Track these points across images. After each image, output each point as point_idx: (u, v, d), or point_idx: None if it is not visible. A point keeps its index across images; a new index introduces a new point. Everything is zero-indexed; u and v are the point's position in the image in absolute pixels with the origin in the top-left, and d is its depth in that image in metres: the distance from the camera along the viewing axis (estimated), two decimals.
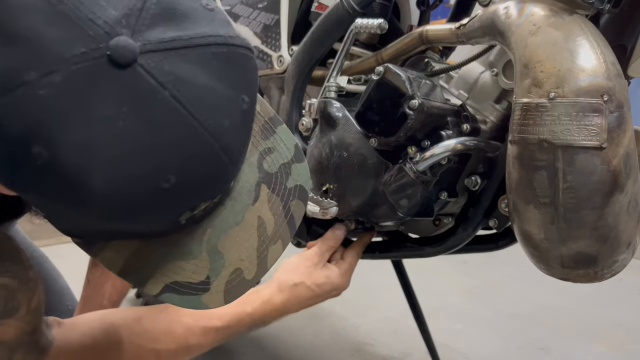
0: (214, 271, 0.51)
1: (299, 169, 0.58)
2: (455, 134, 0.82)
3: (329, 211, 0.87)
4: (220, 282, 0.51)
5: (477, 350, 1.70)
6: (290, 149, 0.58)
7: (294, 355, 1.67)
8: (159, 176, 0.41)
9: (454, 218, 0.91)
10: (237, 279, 0.52)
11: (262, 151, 0.55)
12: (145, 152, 0.40)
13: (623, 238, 0.67)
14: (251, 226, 0.53)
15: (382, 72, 0.80)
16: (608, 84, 0.63)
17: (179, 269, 0.50)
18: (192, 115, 0.41)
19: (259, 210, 0.54)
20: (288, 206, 0.56)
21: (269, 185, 0.55)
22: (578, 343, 1.77)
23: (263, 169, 0.55)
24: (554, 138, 0.64)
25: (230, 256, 0.52)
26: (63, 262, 1.50)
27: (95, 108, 0.38)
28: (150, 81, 0.39)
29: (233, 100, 0.44)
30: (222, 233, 0.51)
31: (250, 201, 0.53)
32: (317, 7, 1.06)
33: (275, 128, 0.57)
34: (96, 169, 0.39)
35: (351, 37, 0.90)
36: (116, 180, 0.40)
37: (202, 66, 0.42)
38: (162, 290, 0.49)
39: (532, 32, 0.68)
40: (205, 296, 0.51)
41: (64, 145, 0.38)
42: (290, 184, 0.57)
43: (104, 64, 0.38)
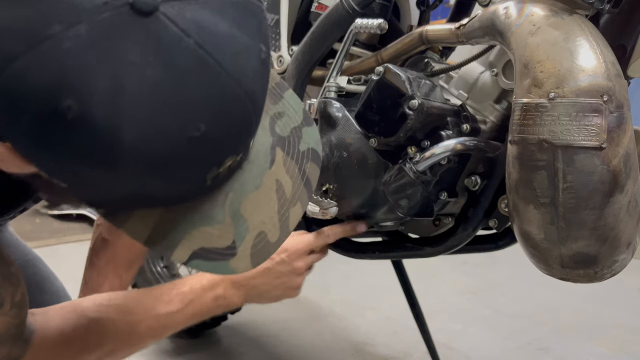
0: (238, 235, 0.51)
1: (309, 132, 0.59)
2: (455, 134, 0.82)
3: (329, 211, 0.87)
4: (246, 247, 0.52)
5: (477, 350, 1.70)
6: (299, 113, 0.58)
7: (294, 355, 1.67)
8: (188, 124, 0.41)
9: (454, 218, 0.91)
10: (262, 242, 0.53)
11: (273, 115, 0.56)
12: (174, 100, 0.40)
13: (623, 238, 0.67)
14: (270, 189, 0.54)
15: (382, 72, 0.80)
16: (608, 84, 0.63)
17: (205, 234, 0.50)
18: (217, 62, 0.41)
19: (276, 173, 0.54)
20: (303, 169, 0.57)
21: (283, 148, 0.55)
22: (578, 343, 1.77)
23: (275, 132, 0.55)
24: (554, 138, 0.64)
25: (253, 220, 0.52)
26: (62, 262, 1.50)
27: (122, 57, 0.38)
28: (174, 29, 0.39)
29: (253, 48, 0.44)
30: (243, 197, 0.51)
31: (267, 165, 0.53)
32: (317, 7, 1.06)
33: (282, 93, 0.58)
34: (126, 119, 0.39)
35: (351, 37, 0.90)
36: (146, 130, 0.39)
37: (222, 15, 0.42)
38: (190, 257, 0.50)
39: (532, 32, 0.68)
40: (233, 261, 0.51)
41: (93, 97, 0.38)
42: (303, 147, 0.57)
43: (127, 12, 0.38)
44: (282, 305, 1.80)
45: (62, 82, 0.38)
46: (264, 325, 1.79)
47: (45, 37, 0.37)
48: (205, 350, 1.64)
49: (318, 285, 2.09)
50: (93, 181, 0.43)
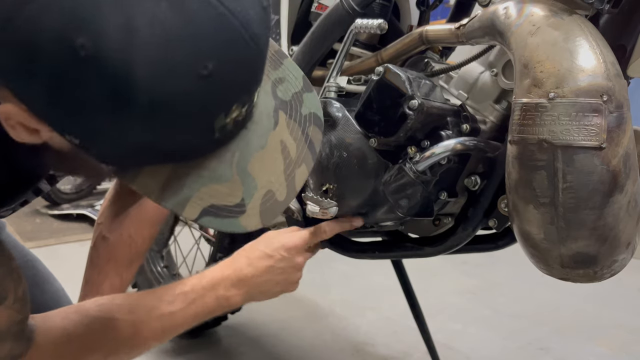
0: (247, 193, 0.52)
1: (310, 97, 0.59)
2: (455, 134, 0.82)
3: (329, 211, 0.87)
4: (255, 204, 0.53)
5: (477, 350, 1.70)
6: (299, 79, 0.59)
7: (294, 355, 1.67)
8: (197, 62, 0.42)
9: (453, 218, 0.91)
10: (270, 200, 0.54)
11: (274, 80, 0.56)
12: (183, 38, 0.41)
13: (622, 238, 0.67)
14: (275, 150, 0.55)
15: (382, 72, 0.80)
16: (607, 84, 0.63)
17: (214, 191, 0.51)
18: (222, 4, 0.43)
19: (281, 134, 0.55)
20: (306, 132, 0.58)
21: (285, 111, 0.56)
22: (578, 343, 1.77)
23: (278, 96, 0.56)
24: (554, 138, 0.64)
25: (261, 178, 0.53)
26: (62, 262, 1.50)
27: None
28: None
29: None
30: (249, 156, 0.52)
31: (271, 126, 0.54)
32: (317, 8, 1.06)
33: (282, 60, 0.58)
34: (138, 56, 0.40)
35: (351, 38, 0.90)
36: (157, 67, 0.41)
37: None
38: (200, 214, 0.50)
39: (532, 33, 0.68)
40: (243, 218, 0.52)
41: (106, 35, 0.39)
42: (305, 111, 0.58)
43: None
44: (282, 305, 1.81)
45: (75, 22, 0.39)
46: (264, 325, 1.79)
47: None
48: (205, 350, 1.64)
49: (318, 285, 2.09)
50: (105, 131, 0.44)
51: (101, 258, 0.92)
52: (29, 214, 2.98)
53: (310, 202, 0.89)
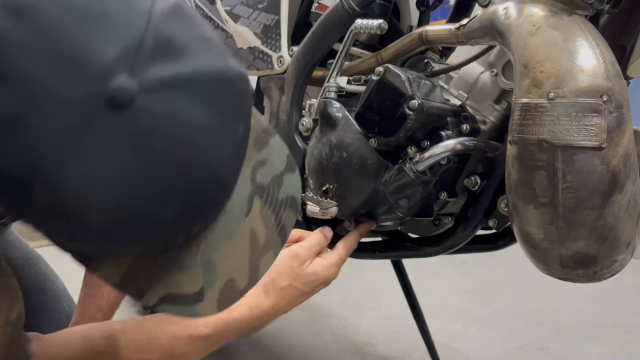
0: (207, 282, 0.52)
1: (291, 179, 0.59)
2: (455, 134, 0.82)
3: (328, 211, 0.87)
4: (214, 292, 0.52)
5: (477, 350, 1.70)
6: (283, 160, 0.58)
7: (294, 355, 1.67)
8: (156, 209, 0.42)
9: (453, 218, 0.92)
10: (230, 289, 0.53)
11: (255, 164, 0.56)
12: (142, 187, 0.41)
13: (622, 238, 0.67)
14: (244, 238, 0.54)
15: (382, 72, 0.80)
16: (607, 84, 0.63)
17: (175, 281, 0.51)
18: (189, 151, 0.42)
19: (252, 222, 0.55)
20: (280, 217, 0.57)
21: (261, 196, 0.56)
22: (578, 343, 1.77)
23: (256, 181, 0.55)
24: (554, 138, 0.64)
25: (224, 268, 0.53)
26: (61, 263, 1.50)
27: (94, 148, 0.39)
28: (148, 120, 0.40)
29: (228, 132, 0.45)
30: (216, 246, 0.52)
31: (242, 215, 0.54)
32: (317, 8, 1.06)
33: (268, 140, 0.57)
34: (95, 204, 0.40)
35: (351, 38, 0.90)
36: (115, 215, 0.41)
37: (199, 101, 0.42)
38: (158, 302, 0.50)
39: (532, 33, 0.68)
40: (200, 305, 0.52)
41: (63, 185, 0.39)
42: (282, 195, 0.57)
43: (103, 106, 0.38)
44: None
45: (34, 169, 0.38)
46: None
47: (20, 124, 0.37)
48: None
49: None
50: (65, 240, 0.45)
51: None
52: None
53: (310, 202, 0.89)
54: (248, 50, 1.12)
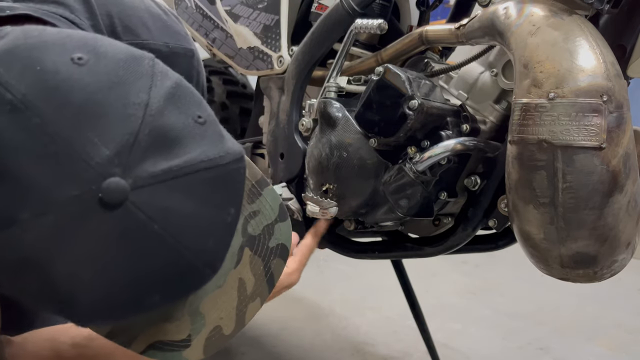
0: (195, 330, 0.53)
1: (282, 227, 0.59)
2: (455, 134, 0.82)
3: (328, 211, 0.87)
4: (201, 339, 0.54)
5: (477, 350, 1.70)
6: (275, 209, 0.59)
7: (294, 355, 1.67)
8: (144, 297, 0.43)
9: (453, 218, 0.91)
10: (216, 335, 0.55)
11: (247, 215, 0.57)
12: (131, 280, 0.42)
13: (622, 238, 0.67)
14: (232, 288, 0.55)
15: (382, 72, 0.80)
16: (607, 84, 0.63)
17: (163, 330, 0.52)
18: (179, 243, 0.42)
19: (240, 272, 0.56)
20: (269, 265, 0.58)
21: (251, 247, 0.57)
22: (578, 343, 1.77)
23: (247, 232, 0.56)
24: (554, 138, 0.64)
25: (210, 316, 0.54)
26: None
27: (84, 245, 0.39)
28: (140, 216, 0.40)
29: (218, 219, 0.46)
30: (204, 296, 0.53)
31: (232, 265, 0.55)
32: (317, 8, 1.06)
33: (261, 190, 0.58)
34: (82, 294, 0.41)
35: (351, 38, 0.90)
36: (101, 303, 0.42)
37: (191, 194, 0.43)
38: (146, 349, 0.52)
39: (532, 33, 0.68)
40: (186, 351, 0.53)
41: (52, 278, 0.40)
42: (272, 244, 0.58)
43: (95, 206, 0.39)
44: (282, 305, 1.81)
45: (24, 264, 0.40)
46: (264, 325, 1.80)
47: (13, 221, 0.38)
48: None
49: (318, 285, 2.09)
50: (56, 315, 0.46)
51: None
52: None
53: (310, 202, 0.89)
54: (248, 50, 1.12)
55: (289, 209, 0.98)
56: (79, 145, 0.38)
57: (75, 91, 0.39)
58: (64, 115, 0.39)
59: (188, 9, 1.22)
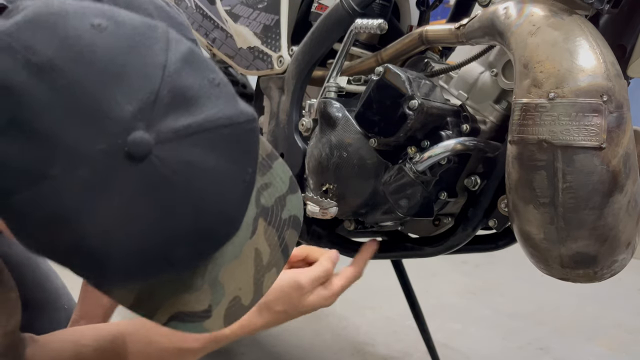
0: (215, 300, 0.55)
1: (293, 200, 0.61)
2: (455, 134, 0.82)
3: (328, 211, 0.87)
4: (221, 309, 0.55)
5: (476, 350, 1.70)
6: (285, 182, 0.61)
7: (294, 355, 1.67)
8: (170, 250, 0.45)
9: (453, 218, 0.91)
10: (235, 305, 0.56)
11: (260, 187, 0.59)
12: (158, 232, 0.44)
13: (622, 238, 0.67)
14: (248, 258, 0.57)
15: (382, 72, 0.80)
16: (607, 84, 0.63)
17: (184, 300, 0.53)
18: (201, 197, 0.44)
19: (256, 242, 0.58)
20: (283, 236, 0.60)
21: (265, 218, 0.59)
22: (578, 343, 1.77)
23: (260, 203, 0.58)
24: (554, 138, 0.64)
25: (229, 286, 0.56)
26: None
27: (113, 198, 0.41)
28: (164, 170, 0.42)
29: (238, 176, 0.48)
30: (222, 266, 0.55)
31: (248, 236, 0.57)
32: (317, 8, 1.06)
33: (272, 163, 0.61)
34: (114, 250, 0.43)
35: (351, 38, 0.90)
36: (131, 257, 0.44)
37: (211, 149, 0.45)
38: (168, 320, 0.53)
39: (532, 33, 0.68)
40: (207, 322, 0.55)
41: (84, 233, 0.41)
42: (285, 215, 0.60)
43: (122, 158, 0.41)
44: None
45: (57, 219, 0.41)
46: None
47: (45, 177, 0.40)
48: None
49: None
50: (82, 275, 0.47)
51: None
52: None
53: (310, 202, 0.89)
54: (248, 50, 1.12)
55: None
56: (104, 103, 0.41)
57: (98, 54, 0.41)
58: (89, 77, 0.41)
59: (188, 8, 1.23)
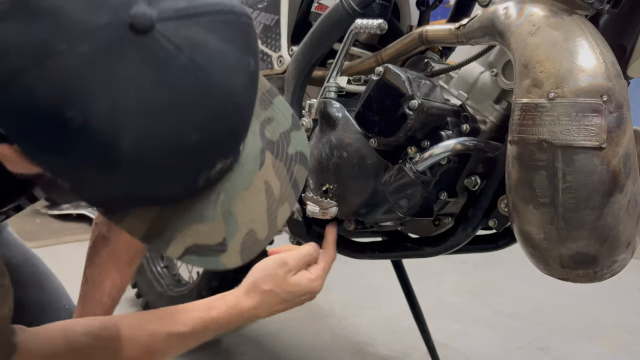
0: (229, 233, 0.54)
1: (297, 136, 0.61)
2: (455, 134, 0.82)
3: (328, 211, 0.87)
4: (236, 243, 0.55)
5: (476, 350, 1.70)
6: (288, 118, 0.61)
7: (294, 355, 1.67)
8: (181, 133, 0.44)
9: (453, 218, 0.91)
10: (251, 240, 0.56)
11: (263, 121, 0.58)
12: (167, 110, 0.43)
13: (622, 238, 0.67)
14: (259, 190, 0.57)
15: (382, 72, 0.80)
16: (607, 84, 0.63)
17: (197, 232, 0.53)
18: (207, 76, 0.44)
19: (265, 175, 0.57)
20: (291, 171, 0.60)
21: (272, 151, 0.58)
22: (578, 343, 1.77)
23: (265, 137, 0.58)
24: (554, 138, 0.64)
25: (243, 218, 0.55)
26: (62, 262, 1.50)
27: (121, 73, 0.41)
28: (168, 45, 0.42)
29: (242, 62, 0.47)
30: (233, 197, 0.54)
31: (256, 167, 0.56)
32: (317, 8, 1.06)
33: (272, 99, 0.60)
34: (124, 129, 0.42)
35: (351, 38, 0.90)
36: (142, 139, 0.43)
37: (214, 31, 0.45)
38: (183, 253, 0.52)
39: (532, 33, 0.68)
40: (223, 256, 0.54)
41: (94, 109, 0.41)
42: (291, 151, 0.60)
43: (127, 31, 0.41)
44: None
45: (66, 97, 0.41)
46: (264, 325, 1.79)
47: (52, 54, 0.40)
48: (205, 351, 1.64)
49: None
50: (93, 183, 0.46)
51: (102, 256, 0.92)
52: (29, 214, 2.98)
53: (310, 202, 0.89)
54: None
55: None
56: None
57: None
58: None
59: None
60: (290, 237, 1.06)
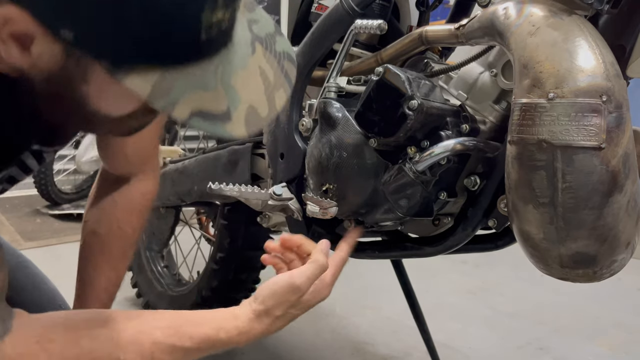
0: (232, 103, 0.56)
1: (281, 41, 0.63)
2: (455, 134, 0.82)
3: (328, 211, 0.87)
4: (240, 114, 0.56)
5: (476, 350, 1.70)
6: (271, 23, 0.63)
7: (294, 355, 1.67)
8: None
9: (453, 218, 0.92)
10: (253, 114, 0.57)
11: (249, 20, 0.60)
12: None
13: (622, 238, 0.67)
14: (254, 73, 0.58)
15: (382, 72, 0.80)
16: (607, 85, 0.63)
17: (201, 97, 0.54)
18: None
19: (258, 60, 0.59)
20: (282, 64, 0.61)
21: (261, 43, 0.60)
22: (578, 343, 1.77)
23: (254, 32, 0.60)
24: (553, 138, 0.64)
25: (243, 93, 0.57)
26: (62, 262, 1.50)
27: None
28: None
29: None
30: (232, 71, 0.56)
31: (249, 51, 0.58)
32: (317, 8, 1.06)
33: (254, 7, 0.63)
34: None
35: (351, 38, 0.91)
36: None
37: None
38: (190, 115, 0.53)
39: (531, 33, 0.68)
40: (228, 125, 0.55)
41: None
42: (279, 49, 0.62)
43: None
44: None
45: None
46: None
47: None
48: None
49: None
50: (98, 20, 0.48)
51: (94, 253, 0.92)
52: (30, 214, 2.98)
53: (310, 202, 0.89)
54: None
55: (289, 209, 0.98)
56: None
57: None
58: None
59: None
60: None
